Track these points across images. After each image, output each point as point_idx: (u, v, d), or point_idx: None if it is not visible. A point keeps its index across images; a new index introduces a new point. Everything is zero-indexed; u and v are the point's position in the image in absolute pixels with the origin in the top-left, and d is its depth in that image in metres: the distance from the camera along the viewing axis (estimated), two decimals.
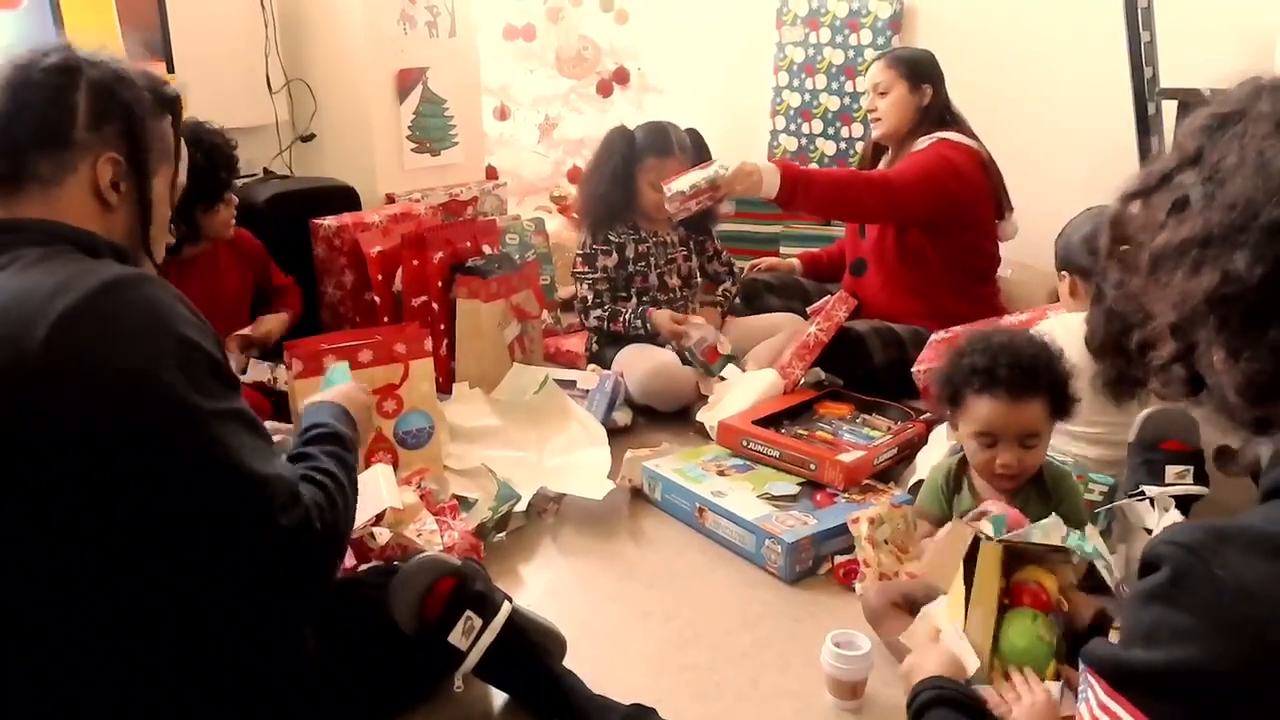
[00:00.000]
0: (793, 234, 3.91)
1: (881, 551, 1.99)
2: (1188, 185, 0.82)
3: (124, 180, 1.23)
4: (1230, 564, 0.70)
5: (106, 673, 1.10)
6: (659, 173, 2.91)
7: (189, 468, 1.07)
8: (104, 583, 1.08)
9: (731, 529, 2.11)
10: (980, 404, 1.75)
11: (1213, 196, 0.79)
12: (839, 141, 4.16)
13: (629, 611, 1.91)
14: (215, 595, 1.15)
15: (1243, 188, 0.76)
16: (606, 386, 2.72)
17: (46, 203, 1.18)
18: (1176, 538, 0.74)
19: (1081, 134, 3.38)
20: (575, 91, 4.05)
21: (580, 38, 3.99)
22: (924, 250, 2.97)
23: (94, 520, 1.05)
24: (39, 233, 1.15)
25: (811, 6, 4.10)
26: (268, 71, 3.20)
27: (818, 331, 2.79)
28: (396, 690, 1.48)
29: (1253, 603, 0.68)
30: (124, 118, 1.22)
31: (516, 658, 1.51)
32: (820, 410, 2.64)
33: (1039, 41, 3.60)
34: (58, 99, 1.18)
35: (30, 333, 1.03)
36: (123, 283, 1.10)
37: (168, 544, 1.09)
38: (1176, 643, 0.71)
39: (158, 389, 1.06)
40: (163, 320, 1.10)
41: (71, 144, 1.19)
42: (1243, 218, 0.75)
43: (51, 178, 1.18)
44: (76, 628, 1.08)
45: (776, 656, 1.76)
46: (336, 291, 3.00)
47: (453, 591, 1.46)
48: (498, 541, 2.11)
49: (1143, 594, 0.75)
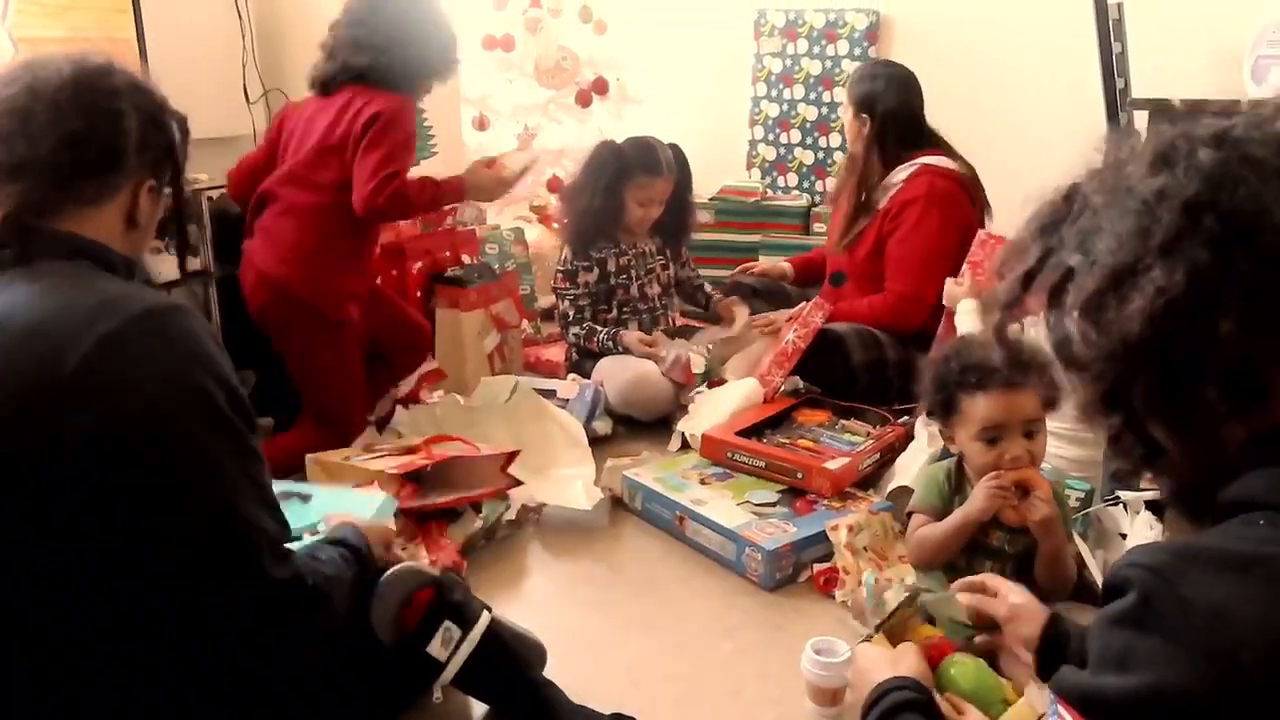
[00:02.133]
0: (771, 243, 3.93)
1: (861, 558, 2.00)
2: (1063, 263, 0.82)
3: (154, 203, 1.25)
4: (1198, 585, 0.69)
5: (89, 680, 1.11)
6: (647, 191, 2.92)
7: (195, 502, 1.09)
8: (95, 595, 1.08)
9: (712, 537, 2.11)
10: (978, 401, 1.72)
11: (1091, 252, 0.79)
12: (817, 151, 4.19)
13: (610, 620, 1.91)
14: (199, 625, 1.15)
15: (1117, 230, 0.77)
16: (586, 396, 2.72)
17: (80, 219, 1.18)
18: (1141, 560, 0.73)
19: (1054, 143, 3.39)
20: (554, 102, 4.05)
21: (559, 48, 3.99)
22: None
23: (99, 537, 1.06)
24: (61, 245, 1.16)
25: (789, 18, 4.13)
26: (245, 81, 3.18)
27: (795, 339, 2.79)
28: (375, 701, 1.47)
29: (1225, 623, 0.68)
30: (166, 145, 1.25)
31: (496, 668, 1.50)
32: (799, 418, 2.65)
33: (1013, 52, 3.64)
34: (119, 125, 1.19)
35: (67, 353, 1.04)
36: (161, 312, 1.11)
37: (162, 571, 1.10)
38: (1149, 667, 0.70)
39: (183, 421, 1.08)
40: (197, 354, 1.12)
41: (124, 169, 1.20)
42: (1134, 250, 0.76)
43: (94, 199, 1.19)
44: (70, 632, 1.09)
45: (757, 664, 1.76)
46: None
47: (431, 602, 1.45)
48: (478, 551, 2.10)
49: (1110, 619, 0.74)
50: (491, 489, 2.16)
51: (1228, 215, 0.73)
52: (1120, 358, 0.78)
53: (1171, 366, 0.76)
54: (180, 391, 1.09)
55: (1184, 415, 0.78)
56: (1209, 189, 0.74)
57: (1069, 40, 3.32)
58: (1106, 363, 0.79)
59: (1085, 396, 0.83)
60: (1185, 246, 0.74)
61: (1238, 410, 0.75)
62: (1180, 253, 0.74)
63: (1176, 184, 0.76)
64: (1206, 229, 0.73)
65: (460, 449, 2.24)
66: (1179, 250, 0.74)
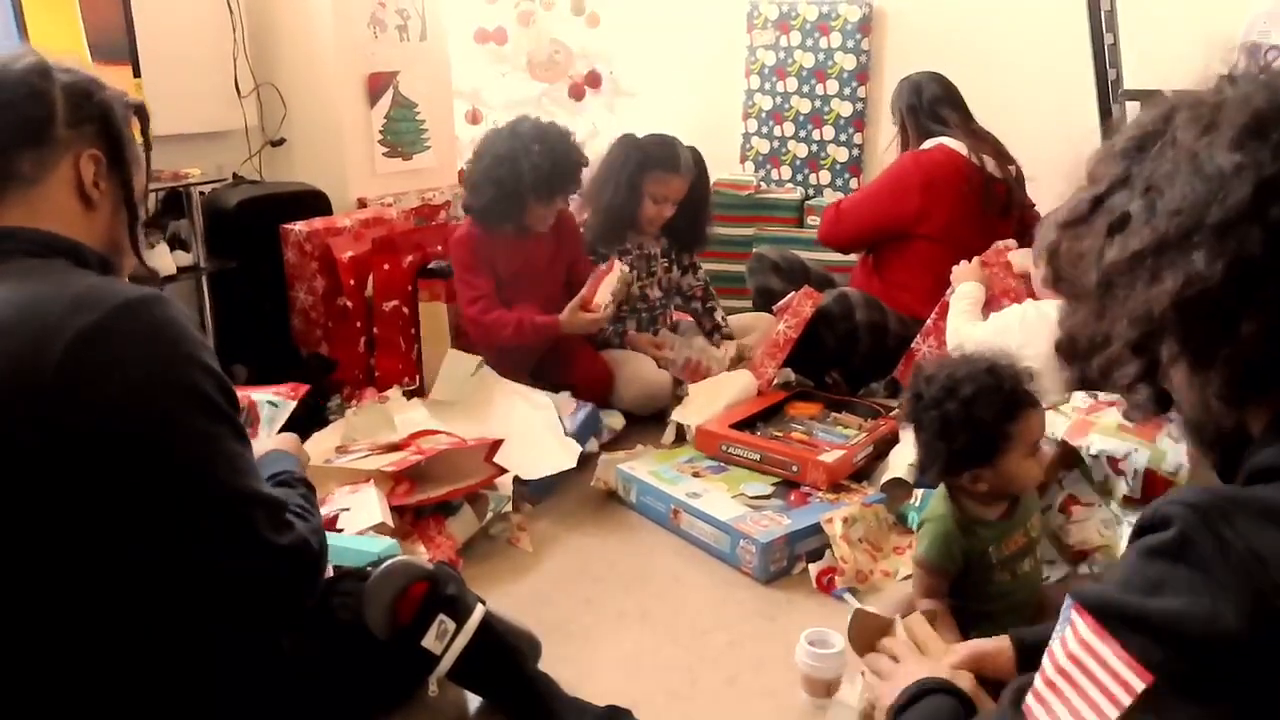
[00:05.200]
0: (766, 236, 3.93)
1: (856, 550, 2.00)
2: (1124, 204, 0.81)
3: (104, 179, 1.23)
4: (1239, 528, 0.69)
5: (84, 669, 1.11)
6: (663, 188, 2.91)
7: (193, 485, 1.09)
8: (95, 582, 1.08)
9: (706, 530, 2.11)
10: (1033, 416, 1.60)
11: (1154, 207, 0.78)
12: (810, 144, 4.19)
13: (604, 613, 1.91)
14: (206, 604, 1.16)
15: (1184, 192, 0.75)
16: (580, 416, 2.59)
17: (29, 203, 1.17)
18: (1185, 498, 0.72)
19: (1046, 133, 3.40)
20: (547, 95, 4.04)
21: (552, 41, 3.99)
22: (890, 258, 3.02)
23: (92, 527, 1.06)
24: (31, 242, 1.15)
25: (782, 10, 4.13)
26: (236, 76, 3.17)
27: (786, 329, 2.80)
28: (371, 696, 1.47)
29: (1262, 567, 0.67)
30: (101, 117, 1.23)
31: (491, 661, 1.50)
32: (791, 410, 2.66)
33: (1005, 42, 3.64)
34: (37, 96, 1.18)
35: (46, 348, 1.03)
36: (139, 302, 1.10)
37: (165, 555, 1.10)
38: (1182, 594, 0.69)
39: (171, 408, 1.08)
40: (179, 342, 1.11)
41: (54, 141, 1.19)
42: (1191, 220, 0.74)
43: (33, 176, 1.18)
44: (60, 625, 1.09)
45: (752, 656, 1.76)
46: (308, 297, 2.97)
47: (425, 595, 1.45)
48: (470, 544, 2.10)
49: (1147, 549, 0.73)
50: (478, 480, 2.16)
51: None
52: (1141, 322, 0.78)
53: (1188, 345, 0.76)
54: (166, 379, 1.09)
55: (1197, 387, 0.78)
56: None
57: (1061, 31, 3.33)
58: (1128, 321, 0.79)
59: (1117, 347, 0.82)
60: (1242, 230, 0.72)
61: (1248, 394, 0.75)
62: (1234, 236, 0.72)
63: (1259, 160, 0.73)
64: (1271, 218, 0.71)
65: (448, 441, 2.24)
66: (1233, 233, 0.72)
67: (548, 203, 2.77)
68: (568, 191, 2.85)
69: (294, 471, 1.43)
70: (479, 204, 2.79)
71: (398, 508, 2.01)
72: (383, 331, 2.93)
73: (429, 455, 2.13)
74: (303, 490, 1.38)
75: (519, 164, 2.70)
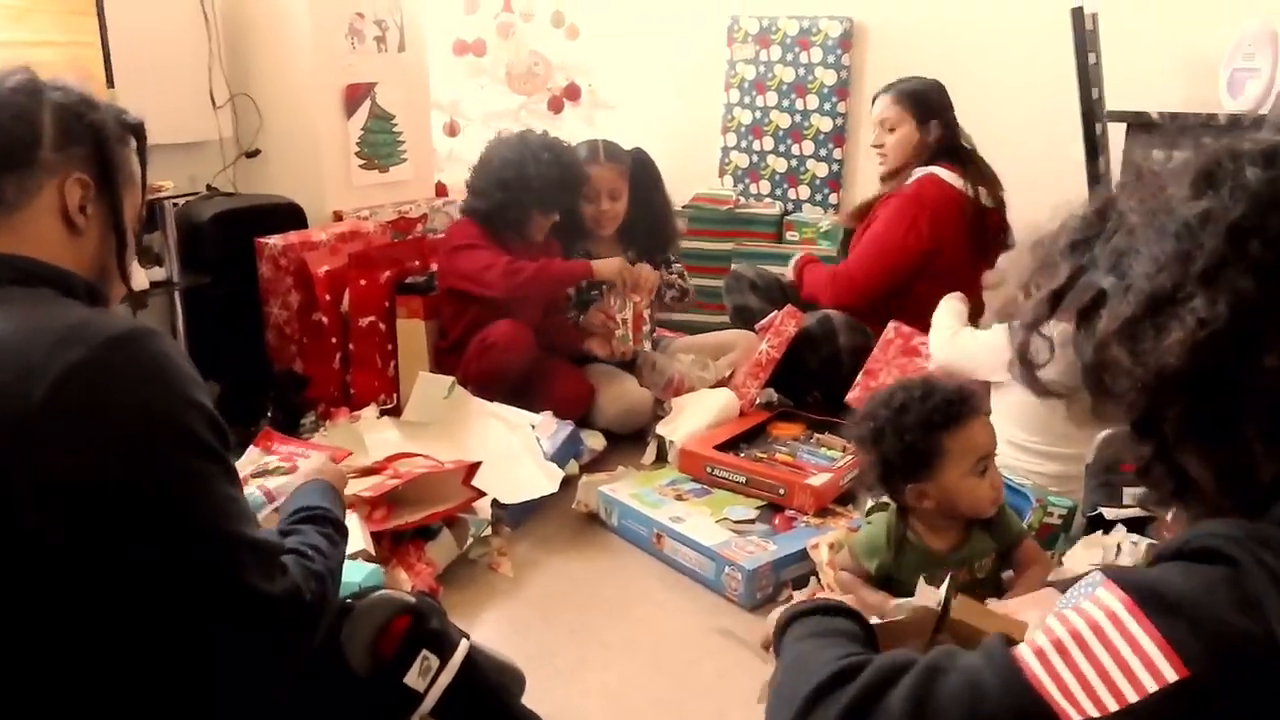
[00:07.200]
0: (744, 251, 3.90)
1: None
2: (1095, 284, 0.78)
3: (92, 204, 1.19)
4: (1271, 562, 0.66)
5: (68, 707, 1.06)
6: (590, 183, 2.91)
7: (178, 527, 1.05)
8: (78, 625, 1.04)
9: (690, 555, 2.08)
10: (973, 429, 1.62)
11: (1127, 275, 0.75)
12: (789, 159, 4.18)
13: (588, 643, 1.88)
14: (193, 652, 1.11)
15: (1156, 254, 0.73)
16: (560, 436, 2.55)
17: (12, 229, 1.13)
18: (1219, 530, 0.70)
19: (1029, 152, 3.42)
20: (526, 108, 4.01)
21: (531, 53, 3.96)
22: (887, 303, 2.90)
23: (75, 569, 1.02)
24: (14, 269, 1.11)
25: (762, 24, 4.12)
26: (211, 86, 3.11)
27: (769, 349, 2.78)
28: None
29: None
30: (92, 140, 1.18)
31: (475, 698, 1.46)
32: (774, 431, 2.64)
33: (986, 60, 3.65)
34: (23, 117, 1.14)
35: (32, 384, 0.99)
36: (131, 338, 1.06)
37: (147, 598, 1.06)
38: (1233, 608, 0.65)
39: (161, 448, 1.04)
40: (169, 379, 1.07)
41: (39, 164, 1.14)
42: (1175, 275, 0.72)
43: (15, 201, 1.13)
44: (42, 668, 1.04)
45: (740, 685, 1.73)
46: (283, 312, 2.92)
47: (408, 630, 1.41)
48: (450, 570, 2.06)
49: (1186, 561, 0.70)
50: (456, 503, 2.11)
51: (1275, 240, 0.69)
52: (1155, 389, 0.74)
53: (1209, 400, 0.73)
54: (156, 418, 1.04)
55: (1220, 449, 0.75)
56: (1256, 212, 0.70)
57: (1043, 50, 3.34)
58: (1140, 393, 0.76)
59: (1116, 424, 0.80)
60: (1229, 274, 0.70)
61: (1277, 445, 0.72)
62: (1223, 281, 0.70)
63: (1221, 206, 0.72)
64: (1252, 256, 0.70)
65: (426, 465, 2.19)
66: (1222, 278, 0.70)
67: (549, 213, 2.76)
68: (571, 204, 2.83)
69: (320, 507, 1.37)
70: (483, 207, 2.77)
71: (376, 534, 1.97)
72: (359, 348, 2.88)
73: (406, 479, 2.09)
74: (323, 529, 1.33)
75: (527, 170, 2.70)
